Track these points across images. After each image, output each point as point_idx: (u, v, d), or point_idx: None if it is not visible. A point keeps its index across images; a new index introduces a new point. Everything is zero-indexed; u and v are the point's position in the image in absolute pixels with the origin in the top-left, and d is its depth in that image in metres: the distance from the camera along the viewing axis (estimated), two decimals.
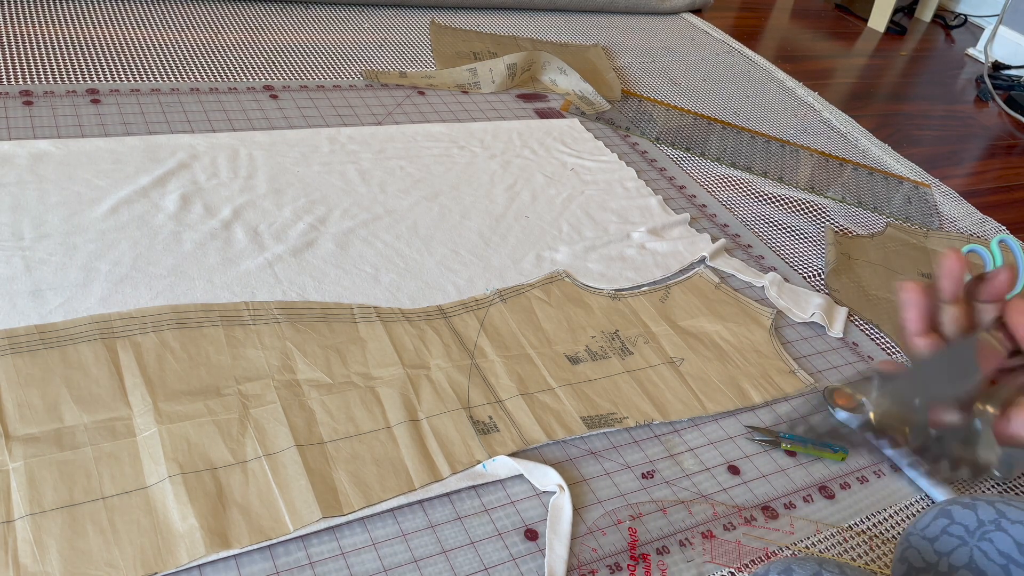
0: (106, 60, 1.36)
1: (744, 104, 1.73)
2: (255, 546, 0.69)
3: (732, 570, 0.77)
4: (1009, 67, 2.24)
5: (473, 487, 0.79)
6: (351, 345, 0.90)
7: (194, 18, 1.57)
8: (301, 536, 0.72)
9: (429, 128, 1.36)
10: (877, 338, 1.13)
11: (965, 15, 2.62)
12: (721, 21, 2.22)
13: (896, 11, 2.46)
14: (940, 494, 0.89)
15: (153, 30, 1.49)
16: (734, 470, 0.88)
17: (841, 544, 0.83)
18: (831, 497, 0.88)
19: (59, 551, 0.66)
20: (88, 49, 1.38)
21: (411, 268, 1.04)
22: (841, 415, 0.42)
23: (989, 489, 0.93)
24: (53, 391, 0.77)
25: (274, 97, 1.35)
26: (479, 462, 0.80)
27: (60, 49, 1.36)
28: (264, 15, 1.65)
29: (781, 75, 1.92)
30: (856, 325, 1.14)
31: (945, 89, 2.13)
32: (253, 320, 0.90)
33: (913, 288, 0.41)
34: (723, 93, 1.76)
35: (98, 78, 1.30)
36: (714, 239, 1.24)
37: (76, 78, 1.29)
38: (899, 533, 0.85)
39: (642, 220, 1.24)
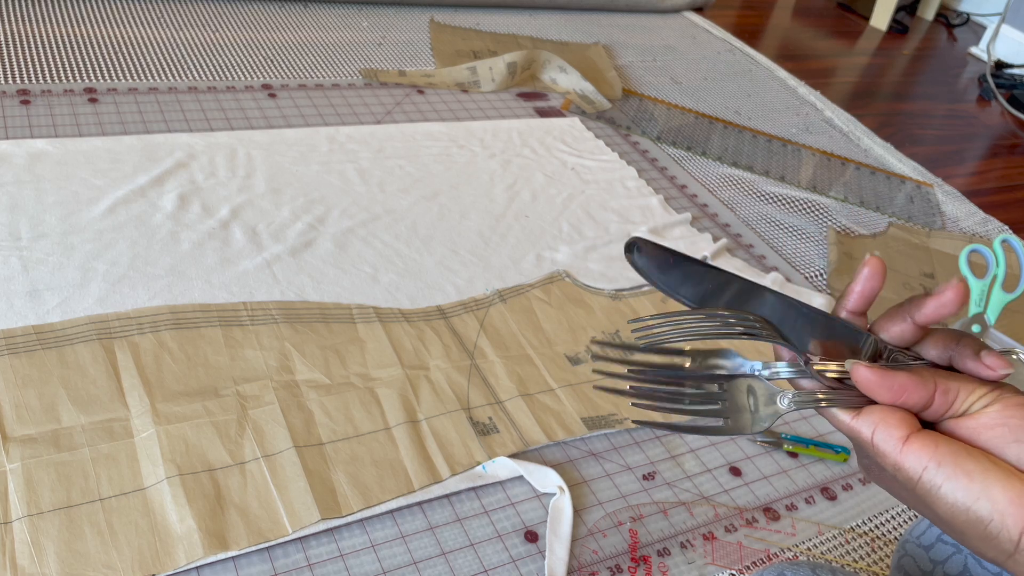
0: (104, 59, 1.35)
1: (746, 103, 1.73)
2: (253, 548, 0.69)
3: (734, 572, 0.77)
4: (1012, 66, 2.23)
5: (473, 488, 0.79)
6: (350, 346, 0.89)
7: (192, 17, 1.57)
8: (300, 538, 0.71)
9: (428, 127, 1.35)
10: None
11: (967, 14, 2.61)
12: (723, 19, 2.21)
13: (898, 10, 2.45)
14: None
15: (151, 29, 1.49)
16: (736, 471, 0.88)
17: (843, 546, 0.82)
18: (833, 498, 0.87)
19: (56, 552, 0.65)
20: (85, 48, 1.38)
21: (410, 268, 1.03)
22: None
23: None
24: (50, 392, 0.77)
25: (272, 96, 1.35)
26: (479, 463, 0.80)
27: (57, 48, 1.36)
28: (262, 14, 1.64)
29: (783, 74, 1.91)
30: None
31: (947, 88, 2.13)
32: (251, 320, 0.90)
33: (877, 265, 0.39)
34: (724, 92, 1.76)
35: (96, 77, 1.30)
36: (715, 239, 1.23)
37: (73, 77, 1.28)
38: (901, 535, 0.85)
39: (643, 220, 1.24)
